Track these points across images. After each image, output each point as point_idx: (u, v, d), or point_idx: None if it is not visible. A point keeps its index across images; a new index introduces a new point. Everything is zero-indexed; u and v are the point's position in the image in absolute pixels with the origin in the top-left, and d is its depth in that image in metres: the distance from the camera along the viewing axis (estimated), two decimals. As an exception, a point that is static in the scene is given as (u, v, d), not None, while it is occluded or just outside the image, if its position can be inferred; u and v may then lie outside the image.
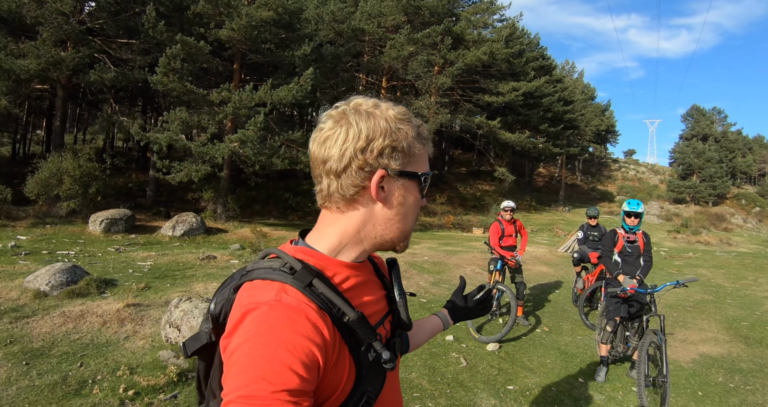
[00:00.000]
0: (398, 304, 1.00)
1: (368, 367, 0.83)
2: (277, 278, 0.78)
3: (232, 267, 8.32)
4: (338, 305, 0.79)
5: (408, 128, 0.86)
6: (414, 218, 0.91)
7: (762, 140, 58.66)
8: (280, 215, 19.37)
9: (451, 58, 21.96)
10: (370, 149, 0.82)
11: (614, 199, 44.05)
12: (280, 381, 0.67)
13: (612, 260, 4.89)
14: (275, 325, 0.71)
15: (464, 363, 4.75)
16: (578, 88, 42.91)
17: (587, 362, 5.18)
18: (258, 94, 12.80)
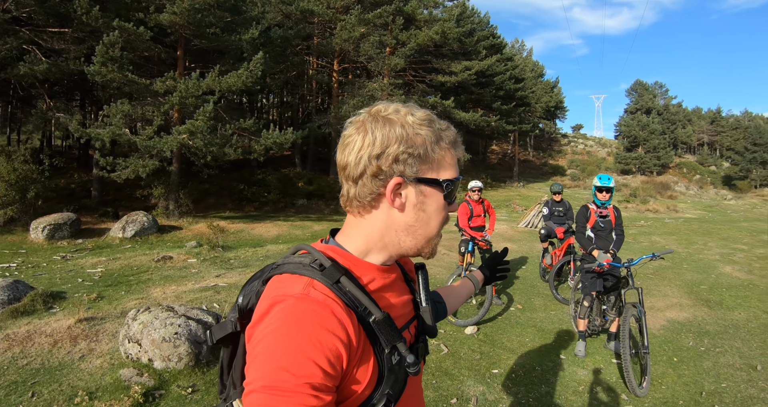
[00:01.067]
0: (423, 310, 1.00)
1: (391, 369, 0.82)
2: (306, 274, 0.79)
3: (190, 267, 7.86)
4: (365, 304, 0.80)
5: (427, 132, 0.85)
6: (438, 224, 0.89)
7: (700, 111, 61.84)
8: (235, 207, 18.72)
9: (403, 39, 21.63)
10: (384, 156, 0.82)
11: (565, 173, 45.52)
12: (302, 373, 0.67)
13: (585, 235, 4.90)
14: (301, 318, 0.71)
15: (445, 349, 4.66)
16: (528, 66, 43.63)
17: (564, 337, 5.24)
18: (206, 82, 12.05)
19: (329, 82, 23.25)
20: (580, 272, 4.95)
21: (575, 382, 4.12)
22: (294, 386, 0.66)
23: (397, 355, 0.83)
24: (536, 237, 13.22)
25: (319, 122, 21.91)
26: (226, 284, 6.47)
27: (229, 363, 0.93)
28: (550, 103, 49.32)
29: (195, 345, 3.63)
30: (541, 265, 8.04)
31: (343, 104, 20.30)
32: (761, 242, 13.53)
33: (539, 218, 15.46)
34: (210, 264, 8.14)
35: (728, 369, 4.48)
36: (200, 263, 8.22)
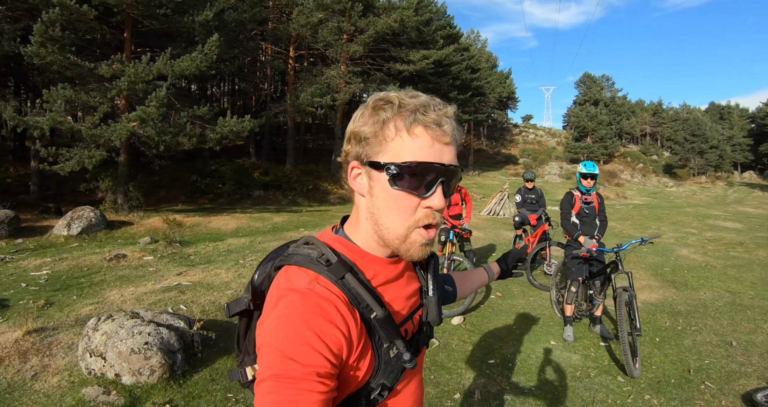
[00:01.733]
0: (428, 300, 1.00)
1: (387, 362, 0.85)
2: (313, 268, 0.81)
3: (147, 265, 7.29)
4: (367, 301, 0.82)
5: (387, 113, 0.82)
6: (399, 214, 0.83)
7: (643, 104, 64.73)
8: (188, 200, 17.86)
9: (362, 26, 21.18)
10: (348, 140, 0.86)
11: (518, 161, 46.69)
12: (308, 362, 0.70)
13: (570, 222, 4.93)
14: (305, 311, 0.74)
15: (436, 342, 4.51)
16: (483, 56, 44.01)
17: (549, 323, 5.25)
18: (157, 66, 11.19)
19: (285, 69, 22.47)
20: (567, 259, 4.95)
21: (572, 368, 4.10)
22: (301, 374, 0.69)
23: (395, 349, 0.85)
24: (501, 225, 13.37)
25: (275, 110, 21.18)
26: (190, 283, 6.00)
27: (245, 332, 0.98)
28: (503, 93, 50.30)
29: (168, 355, 3.24)
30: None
31: (299, 92, 19.66)
32: (708, 226, 14.23)
33: (501, 205, 15.60)
34: (168, 261, 7.59)
35: (707, 346, 4.64)
36: (158, 260, 7.65)
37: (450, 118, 0.83)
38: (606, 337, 4.78)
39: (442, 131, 0.81)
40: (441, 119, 0.81)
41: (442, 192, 0.83)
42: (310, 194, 21.21)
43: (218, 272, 6.66)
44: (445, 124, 0.82)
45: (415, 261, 0.96)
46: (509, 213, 15.62)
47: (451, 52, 27.52)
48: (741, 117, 61.49)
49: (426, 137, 0.80)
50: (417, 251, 0.85)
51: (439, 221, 0.86)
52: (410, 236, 0.84)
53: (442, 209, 0.84)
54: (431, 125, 0.80)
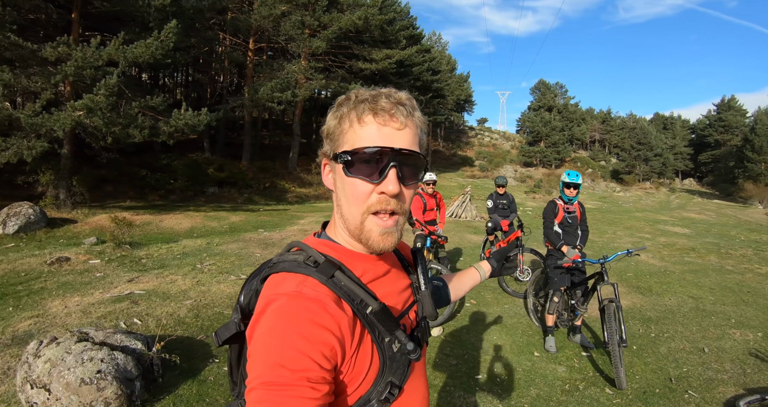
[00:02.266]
0: (422, 294, 1.00)
1: (392, 358, 0.83)
2: (301, 271, 0.80)
3: (93, 270, 6.65)
4: (360, 296, 0.81)
5: (344, 108, 0.85)
6: (354, 201, 0.84)
7: (593, 111, 67.28)
8: (137, 196, 16.83)
9: (325, 21, 20.70)
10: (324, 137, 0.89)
11: (474, 164, 47.33)
12: (298, 367, 0.68)
13: (553, 231, 4.85)
14: (294, 315, 0.72)
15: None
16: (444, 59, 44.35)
17: (529, 332, 5.16)
18: (107, 51, 10.28)
19: (243, 61, 21.64)
20: (549, 268, 4.87)
21: (560, 381, 3.99)
22: (291, 380, 0.67)
23: (397, 343, 0.83)
24: (464, 228, 13.32)
25: (232, 104, 20.35)
26: (143, 292, 5.47)
27: (238, 360, 0.94)
28: (461, 96, 50.97)
29: (125, 384, 2.81)
30: (482, 256, 7.99)
31: (258, 86, 18.94)
32: (660, 231, 14.78)
33: (463, 208, 15.60)
34: (118, 266, 6.96)
35: (681, 353, 4.69)
36: (105, 264, 7.01)
37: (404, 105, 0.84)
38: (587, 347, 4.73)
39: (390, 116, 0.81)
40: (391, 106, 0.82)
41: (397, 177, 0.82)
42: (267, 192, 20.55)
43: (174, 279, 6.13)
44: (395, 110, 0.82)
45: (379, 252, 0.89)
46: (471, 216, 15.65)
47: (414, 52, 27.48)
48: (683, 128, 65.21)
49: (374, 124, 0.82)
50: (376, 240, 0.84)
51: (397, 209, 0.84)
52: (365, 223, 0.84)
53: (395, 194, 0.82)
54: (379, 112, 0.81)
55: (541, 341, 4.88)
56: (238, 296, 0.92)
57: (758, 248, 11.26)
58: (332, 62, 24.61)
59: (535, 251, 6.96)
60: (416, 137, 0.86)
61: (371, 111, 0.82)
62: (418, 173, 0.87)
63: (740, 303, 6.59)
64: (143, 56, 10.73)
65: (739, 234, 14.83)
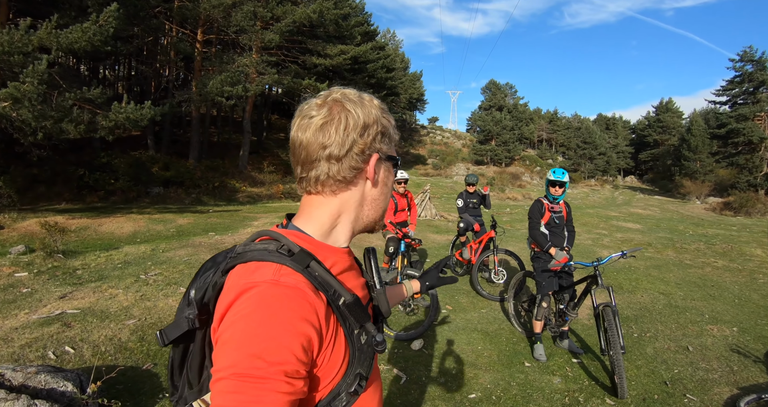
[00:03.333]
0: (377, 292, 1.02)
1: (360, 349, 0.84)
2: (275, 260, 0.78)
3: (20, 285, 5.76)
4: (335, 287, 0.80)
5: (389, 116, 0.94)
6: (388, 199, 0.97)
7: (540, 111, 69.28)
8: (74, 198, 15.50)
9: (279, 14, 19.88)
10: (368, 134, 0.88)
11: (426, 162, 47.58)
12: (276, 360, 0.66)
13: (540, 232, 4.57)
14: (273, 304, 0.70)
15: (403, 376, 3.84)
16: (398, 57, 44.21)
17: (513, 339, 4.88)
18: (38, 35, 9.11)
19: (191, 53, 20.41)
20: (536, 272, 4.58)
21: (558, 394, 3.71)
22: (267, 373, 0.65)
23: (365, 335, 0.84)
24: (425, 227, 13.03)
25: (179, 98, 19.17)
26: (77, 311, 4.72)
27: (181, 362, 0.90)
28: (413, 95, 51.08)
29: (50, 444, 2.21)
30: (452, 258, 7.65)
31: (207, 80, 17.89)
32: (614, 228, 15.10)
33: (423, 207, 15.34)
34: (49, 278, 6.09)
35: (668, 353, 4.58)
36: (34, 277, 6.11)
37: None
38: (576, 352, 4.49)
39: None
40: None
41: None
42: (216, 192, 19.54)
43: (114, 293, 5.38)
44: None
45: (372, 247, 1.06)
46: (431, 215, 15.42)
47: (369, 49, 27.04)
48: (624, 128, 68.41)
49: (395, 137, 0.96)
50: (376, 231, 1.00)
51: None
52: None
53: None
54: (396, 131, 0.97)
55: (527, 348, 4.60)
56: (186, 291, 0.88)
57: (708, 242, 11.60)
58: (285, 57, 23.77)
59: (509, 252, 6.72)
60: None
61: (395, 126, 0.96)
62: None
63: (708, 298, 6.65)
64: (79, 42, 9.65)
65: (686, 229, 15.37)
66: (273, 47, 21.72)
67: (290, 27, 19.89)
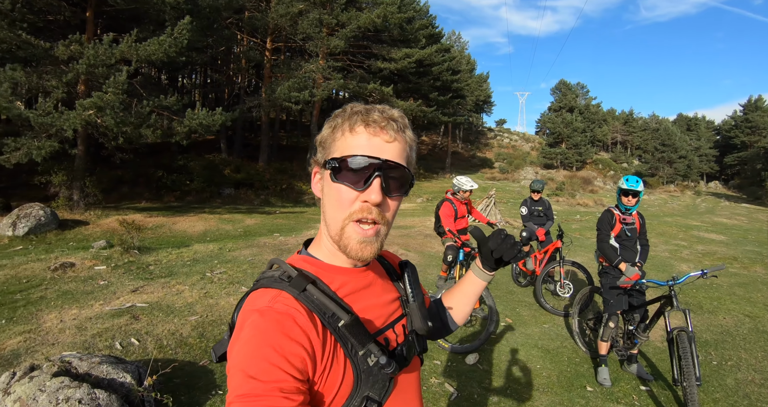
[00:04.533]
0: (410, 307, 0.99)
1: (368, 372, 0.82)
2: (276, 286, 0.81)
3: (98, 277, 6.26)
4: (332, 309, 0.81)
5: (341, 118, 0.87)
6: (338, 206, 0.86)
7: (614, 112, 65.72)
8: (153, 197, 16.65)
9: (344, 20, 20.28)
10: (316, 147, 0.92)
11: (493, 165, 46.55)
12: (269, 378, 0.69)
13: (609, 245, 4.21)
14: (264, 329, 0.73)
15: (454, 392, 3.67)
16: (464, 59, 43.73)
17: (576, 360, 4.52)
18: (120, 49, 9.96)
19: (261, 61, 21.33)
20: (603, 288, 4.25)
21: None
22: (264, 390, 0.68)
23: (373, 357, 0.82)
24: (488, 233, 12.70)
25: (249, 104, 20.06)
26: (146, 305, 5.03)
27: None
28: (480, 97, 50.16)
29: (107, 431, 2.36)
30: (515, 268, 7.35)
31: (276, 86, 18.60)
32: (696, 238, 13.96)
33: (487, 212, 14.99)
34: (124, 273, 6.56)
35: (752, 386, 4.09)
36: (111, 271, 6.61)
37: (396, 121, 0.86)
38: (645, 379, 4.10)
39: (381, 128, 0.84)
40: (383, 120, 0.85)
41: (381, 187, 0.83)
42: (283, 194, 20.22)
43: (181, 290, 5.69)
44: (386, 124, 0.85)
45: (358, 260, 0.88)
46: (495, 220, 15.01)
47: (433, 52, 26.92)
48: (707, 129, 63.24)
49: (365, 134, 0.84)
50: (354, 248, 0.85)
51: (379, 219, 0.84)
52: (346, 230, 0.85)
53: (377, 203, 0.83)
54: (371, 123, 0.84)
55: (591, 370, 4.26)
56: (233, 314, 0.91)
57: (806, 258, 10.44)
58: (350, 62, 24.21)
59: (576, 264, 6.31)
60: (404, 152, 0.88)
61: (363, 122, 0.85)
62: (403, 187, 0.88)
63: (803, 324, 5.90)
64: (156, 54, 10.39)
65: (779, 241, 13.93)
66: (338, 53, 22.20)
67: (355, 32, 20.23)
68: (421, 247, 10.02)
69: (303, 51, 23.20)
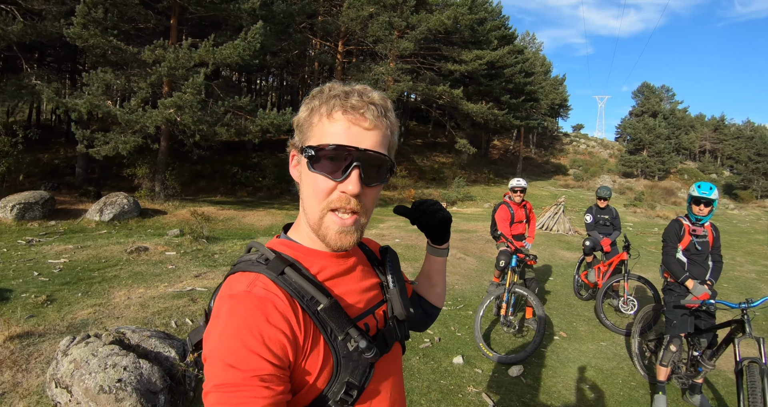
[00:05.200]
0: (390, 293, 0.99)
1: (348, 357, 0.82)
2: (254, 269, 0.80)
3: (167, 262, 6.78)
4: (311, 293, 0.80)
5: (315, 101, 0.84)
6: (315, 196, 0.83)
7: (703, 118, 60.90)
8: (227, 192, 17.67)
9: (413, 22, 20.41)
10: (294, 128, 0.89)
11: (568, 172, 44.64)
12: (248, 367, 0.68)
13: (675, 259, 3.81)
14: (242, 314, 0.72)
15: (490, 403, 3.53)
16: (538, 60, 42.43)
17: (632, 383, 4.14)
18: (198, 53, 10.77)
19: (333, 63, 21.99)
20: (667, 307, 3.87)
21: None
22: (243, 379, 0.67)
23: (353, 342, 0.82)
24: (555, 242, 12.22)
25: (320, 106, 20.73)
26: (204, 289, 5.39)
27: None
28: (555, 100, 48.31)
29: (147, 398, 2.57)
30: (577, 279, 6.97)
31: (346, 88, 19.10)
32: (789, 259, 12.63)
33: (555, 220, 14.44)
34: (190, 259, 7.05)
35: None
36: (179, 257, 7.13)
37: (376, 105, 0.83)
38: None
39: (360, 115, 0.81)
40: (361, 105, 0.81)
41: (359, 177, 0.80)
42: (350, 193, 20.69)
43: (238, 277, 6.03)
44: (366, 110, 0.81)
45: (336, 249, 0.87)
46: (563, 229, 14.43)
47: (506, 53, 26.34)
48: (813, 137, 56.93)
49: (343, 121, 0.81)
50: (333, 237, 0.83)
51: (357, 209, 0.83)
52: (324, 220, 0.83)
53: (355, 194, 0.81)
54: (349, 110, 0.81)
55: (646, 397, 3.88)
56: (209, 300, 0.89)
57: None
58: (420, 64, 24.28)
59: (643, 279, 5.86)
60: (385, 139, 0.86)
61: (341, 108, 0.82)
62: (383, 175, 0.86)
63: None
64: (231, 57, 11.07)
65: None
66: (408, 55, 22.34)
67: (424, 34, 20.29)
68: (480, 252, 9.84)
69: (373, 54, 23.60)
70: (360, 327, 0.85)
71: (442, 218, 1.11)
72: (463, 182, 25.40)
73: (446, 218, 1.12)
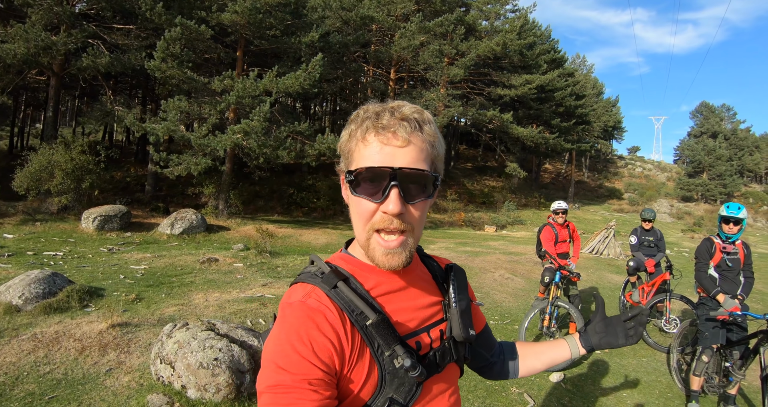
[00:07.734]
0: (451, 312, 0.97)
1: (393, 373, 0.82)
2: (311, 282, 0.85)
3: (236, 272, 7.42)
4: (360, 307, 0.82)
5: (355, 125, 0.86)
6: (360, 219, 0.85)
7: (769, 138, 57.65)
8: (284, 211, 18.55)
9: (463, 49, 20.98)
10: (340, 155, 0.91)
11: (622, 196, 43.23)
12: (298, 370, 0.72)
13: (708, 275, 4.02)
14: (294, 323, 0.77)
15: (531, 402, 3.82)
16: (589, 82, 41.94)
17: (667, 394, 4.31)
18: (263, 82, 11.78)
19: (385, 90, 22.84)
20: (699, 319, 4.07)
21: None
22: (292, 382, 0.71)
23: (399, 359, 0.81)
24: (604, 265, 12.11)
25: (373, 131, 21.53)
26: (272, 296, 5.93)
27: None
28: (608, 122, 47.25)
29: (237, 375, 3.05)
30: (622, 300, 7.04)
31: (397, 114, 19.83)
32: None
33: (606, 244, 14.25)
34: (257, 271, 7.67)
35: None
36: (246, 268, 7.77)
37: (408, 120, 0.82)
38: None
39: (392, 134, 0.81)
40: (392, 123, 0.81)
41: (399, 196, 0.81)
42: (402, 217, 21.16)
43: (300, 286, 6.55)
44: (397, 127, 0.81)
45: (388, 269, 0.87)
46: (614, 253, 14.20)
47: (555, 77, 26.39)
48: None
49: (376, 143, 0.82)
50: (381, 259, 0.84)
51: (403, 228, 0.83)
52: (370, 242, 0.85)
53: (396, 213, 0.81)
54: (380, 131, 0.82)
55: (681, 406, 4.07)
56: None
57: None
58: (470, 89, 24.76)
59: (685, 299, 5.91)
60: (422, 153, 0.84)
61: (374, 129, 0.83)
62: (426, 190, 0.85)
63: None
64: (293, 87, 11.99)
65: None
66: (458, 81, 22.88)
67: (474, 61, 20.79)
68: (528, 273, 9.96)
69: (424, 80, 24.31)
70: (409, 345, 0.86)
71: (624, 344, 1.10)
72: (513, 206, 25.33)
73: (631, 344, 1.10)
